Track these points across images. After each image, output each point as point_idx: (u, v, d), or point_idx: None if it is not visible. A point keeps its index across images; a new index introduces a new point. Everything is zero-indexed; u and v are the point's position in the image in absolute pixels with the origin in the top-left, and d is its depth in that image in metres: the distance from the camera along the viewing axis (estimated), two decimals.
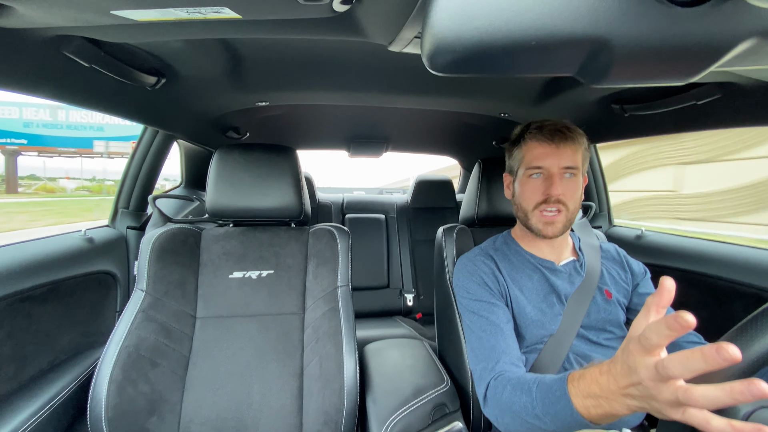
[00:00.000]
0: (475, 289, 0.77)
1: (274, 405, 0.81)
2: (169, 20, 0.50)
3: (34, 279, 0.80)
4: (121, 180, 1.22)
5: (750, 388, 0.30)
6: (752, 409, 0.36)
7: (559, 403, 0.50)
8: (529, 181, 0.76)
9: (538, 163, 0.74)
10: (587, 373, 0.48)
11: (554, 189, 0.72)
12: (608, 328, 0.76)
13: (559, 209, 0.73)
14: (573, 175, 0.74)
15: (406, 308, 1.89)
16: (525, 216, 0.77)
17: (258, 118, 1.34)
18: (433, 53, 0.31)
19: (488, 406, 0.65)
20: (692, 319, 0.33)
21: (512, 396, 0.59)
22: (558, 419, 0.51)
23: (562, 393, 0.50)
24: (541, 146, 0.74)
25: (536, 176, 0.75)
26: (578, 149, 0.74)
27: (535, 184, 0.75)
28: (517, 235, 0.85)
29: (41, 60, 0.61)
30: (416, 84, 1.01)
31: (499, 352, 0.68)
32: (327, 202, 2.07)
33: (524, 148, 0.77)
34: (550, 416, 0.52)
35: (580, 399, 0.48)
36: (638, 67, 0.31)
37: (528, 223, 0.77)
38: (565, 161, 0.73)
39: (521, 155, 0.77)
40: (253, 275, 0.92)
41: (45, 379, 0.80)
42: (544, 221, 0.74)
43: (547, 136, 0.73)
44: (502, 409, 0.61)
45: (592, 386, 0.46)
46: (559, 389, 0.51)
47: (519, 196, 0.79)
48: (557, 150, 0.73)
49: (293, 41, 0.76)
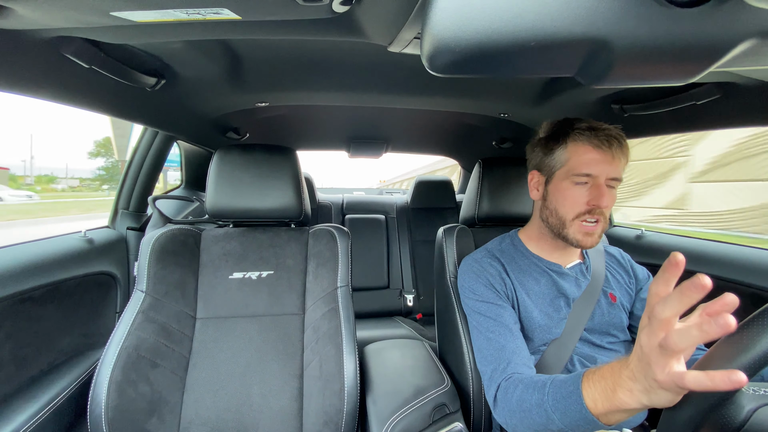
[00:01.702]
0: (481, 290, 0.76)
1: (274, 406, 0.81)
2: (169, 21, 0.50)
3: (34, 280, 0.80)
4: (121, 181, 1.22)
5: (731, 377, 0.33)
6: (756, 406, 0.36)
7: (570, 398, 0.50)
8: (572, 188, 0.69)
9: (588, 170, 0.67)
10: (605, 365, 0.49)
11: (603, 201, 0.66)
12: (612, 331, 0.76)
13: (598, 220, 0.69)
14: (614, 187, 0.70)
15: (406, 309, 1.89)
16: (561, 224, 0.71)
17: (258, 118, 1.34)
18: (433, 54, 0.31)
19: (498, 407, 0.64)
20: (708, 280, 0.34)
21: (524, 394, 0.58)
22: (567, 415, 0.51)
23: (575, 387, 0.50)
24: (595, 152, 0.67)
25: (582, 183, 0.69)
26: (627, 160, 0.70)
27: (580, 192, 0.69)
28: (526, 236, 0.83)
29: (41, 61, 0.61)
30: (416, 84, 1.01)
31: (509, 353, 0.67)
32: (327, 202, 2.07)
33: (571, 149, 0.69)
34: (560, 412, 0.52)
35: (590, 391, 0.48)
36: (638, 67, 0.31)
37: (563, 231, 0.71)
38: (615, 172, 0.67)
39: (566, 156, 0.70)
40: (253, 276, 0.92)
41: (45, 380, 0.80)
42: (584, 232, 0.69)
43: (604, 141, 0.67)
44: (512, 409, 0.60)
45: (604, 372, 0.48)
46: (573, 384, 0.51)
47: (556, 202, 0.72)
48: (612, 159, 0.67)
49: (293, 42, 0.76)
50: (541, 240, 0.80)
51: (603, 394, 0.46)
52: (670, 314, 0.36)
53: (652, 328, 0.38)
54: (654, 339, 0.38)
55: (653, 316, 0.38)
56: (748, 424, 0.35)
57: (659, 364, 0.38)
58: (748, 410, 0.35)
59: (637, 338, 0.41)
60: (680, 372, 0.36)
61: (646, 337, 0.39)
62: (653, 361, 0.38)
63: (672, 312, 0.36)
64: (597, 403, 0.47)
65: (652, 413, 0.76)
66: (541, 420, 0.55)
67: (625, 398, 0.43)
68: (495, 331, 0.71)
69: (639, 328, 0.41)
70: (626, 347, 0.78)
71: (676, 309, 0.36)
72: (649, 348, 0.38)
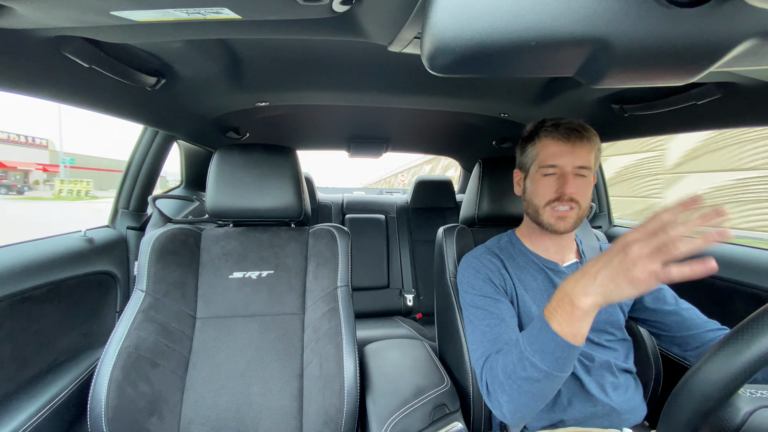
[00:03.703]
0: (480, 285, 0.77)
1: (274, 405, 0.81)
2: (169, 21, 0.50)
3: (34, 279, 0.80)
4: (121, 180, 1.22)
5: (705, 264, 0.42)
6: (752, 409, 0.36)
7: (540, 334, 0.55)
8: (542, 179, 0.75)
9: (552, 161, 0.73)
10: (556, 291, 0.56)
11: (567, 188, 0.72)
12: (609, 330, 0.76)
13: (571, 206, 0.73)
14: (585, 175, 0.74)
15: (406, 308, 1.89)
16: (536, 212, 0.76)
17: (258, 118, 1.34)
18: (433, 54, 0.31)
19: (490, 393, 0.65)
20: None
21: (505, 359, 0.62)
22: (545, 353, 0.54)
23: (542, 323, 0.55)
24: (556, 145, 0.73)
25: (549, 174, 0.74)
26: (592, 149, 0.74)
27: (548, 182, 0.74)
28: (522, 234, 0.85)
29: (41, 60, 0.61)
30: (416, 84, 1.01)
31: (501, 343, 0.68)
32: (327, 202, 2.07)
33: (538, 146, 0.76)
34: (538, 353, 0.55)
35: (554, 319, 0.54)
36: (638, 67, 0.31)
37: (539, 218, 0.76)
38: (580, 161, 0.72)
39: (535, 152, 0.76)
40: (253, 275, 0.92)
41: (45, 380, 0.80)
42: (556, 216, 0.74)
43: (563, 134, 0.72)
44: (501, 382, 0.61)
45: (558, 295, 0.54)
46: (539, 321, 0.56)
47: (531, 193, 0.78)
48: (572, 149, 0.72)
49: (293, 41, 0.76)
50: (533, 235, 0.82)
51: (563, 312, 0.53)
52: (671, 219, 0.44)
53: (651, 233, 0.45)
54: (651, 242, 0.44)
55: (657, 220, 0.45)
56: (745, 426, 0.35)
57: (643, 266, 0.45)
58: (746, 412, 0.35)
59: (619, 246, 0.47)
60: (659, 269, 0.44)
61: (640, 244, 0.45)
62: (639, 263, 0.45)
63: (672, 218, 0.44)
64: (562, 324, 0.53)
65: (652, 414, 0.76)
66: (526, 374, 0.56)
67: (580, 303, 0.50)
68: (490, 323, 0.71)
69: (627, 241, 0.47)
70: (624, 345, 0.78)
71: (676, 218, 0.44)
72: (640, 251, 0.45)
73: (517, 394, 0.59)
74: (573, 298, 0.51)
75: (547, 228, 0.75)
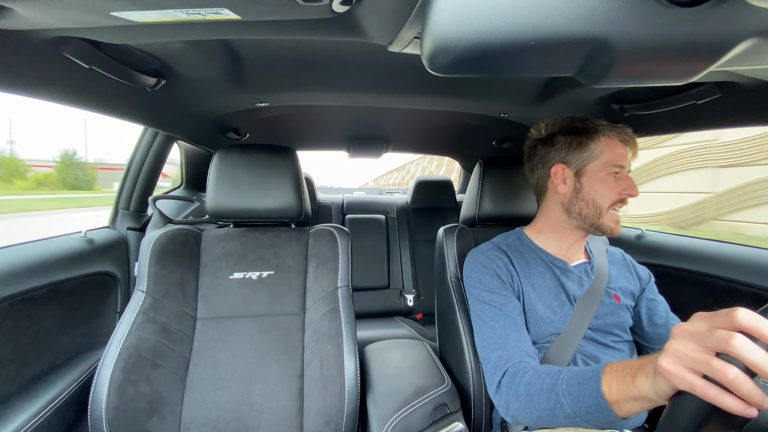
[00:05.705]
0: (488, 280, 0.77)
1: (275, 406, 0.81)
2: (169, 21, 0.50)
3: (34, 280, 0.80)
4: (121, 181, 1.22)
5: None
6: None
7: (587, 383, 0.51)
8: (608, 178, 0.73)
9: (622, 162, 0.73)
10: (633, 360, 0.49)
11: (635, 190, 0.72)
12: (615, 331, 0.77)
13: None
14: None
15: (407, 309, 1.89)
16: (597, 213, 0.73)
17: (258, 118, 1.34)
18: (433, 54, 0.31)
19: (500, 392, 0.65)
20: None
21: (534, 379, 0.60)
22: (579, 400, 0.51)
23: (594, 374, 0.51)
24: (622, 146, 0.74)
25: (614, 174, 0.73)
26: None
27: (614, 182, 0.73)
28: (531, 232, 0.84)
29: (41, 61, 0.61)
30: (416, 84, 1.01)
31: (513, 341, 0.68)
32: (327, 202, 2.07)
33: (603, 144, 0.73)
34: (572, 397, 0.52)
35: (608, 378, 0.49)
36: (638, 67, 0.31)
37: (599, 221, 0.74)
38: (630, 166, 0.75)
39: (599, 149, 0.73)
40: (253, 276, 0.92)
41: (46, 380, 0.80)
42: (615, 220, 0.74)
43: (628, 139, 0.74)
44: (518, 393, 0.61)
45: (631, 362, 0.48)
46: (592, 371, 0.52)
47: (593, 192, 0.74)
48: (631, 155, 0.75)
49: (293, 42, 0.76)
50: (555, 233, 0.81)
51: (621, 380, 0.47)
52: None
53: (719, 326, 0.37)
54: (712, 340, 0.36)
55: (731, 319, 0.36)
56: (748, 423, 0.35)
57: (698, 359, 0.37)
58: None
59: (680, 337, 0.40)
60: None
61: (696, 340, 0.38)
62: (695, 353, 0.37)
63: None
64: (612, 388, 0.48)
65: (651, 415, 0.76)
66: (548, 405, 0.55)
67: (640, 383, 0.44)
68: (499, 320, 0.71)
69: (679, 332, 0.40)
70: (629, 347, 0.78)
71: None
72: (696, 347, 0.38)
73: (532, 410, 0.58)
74: (637, 374, 0.45)
75: (604, 231, 0.74)
